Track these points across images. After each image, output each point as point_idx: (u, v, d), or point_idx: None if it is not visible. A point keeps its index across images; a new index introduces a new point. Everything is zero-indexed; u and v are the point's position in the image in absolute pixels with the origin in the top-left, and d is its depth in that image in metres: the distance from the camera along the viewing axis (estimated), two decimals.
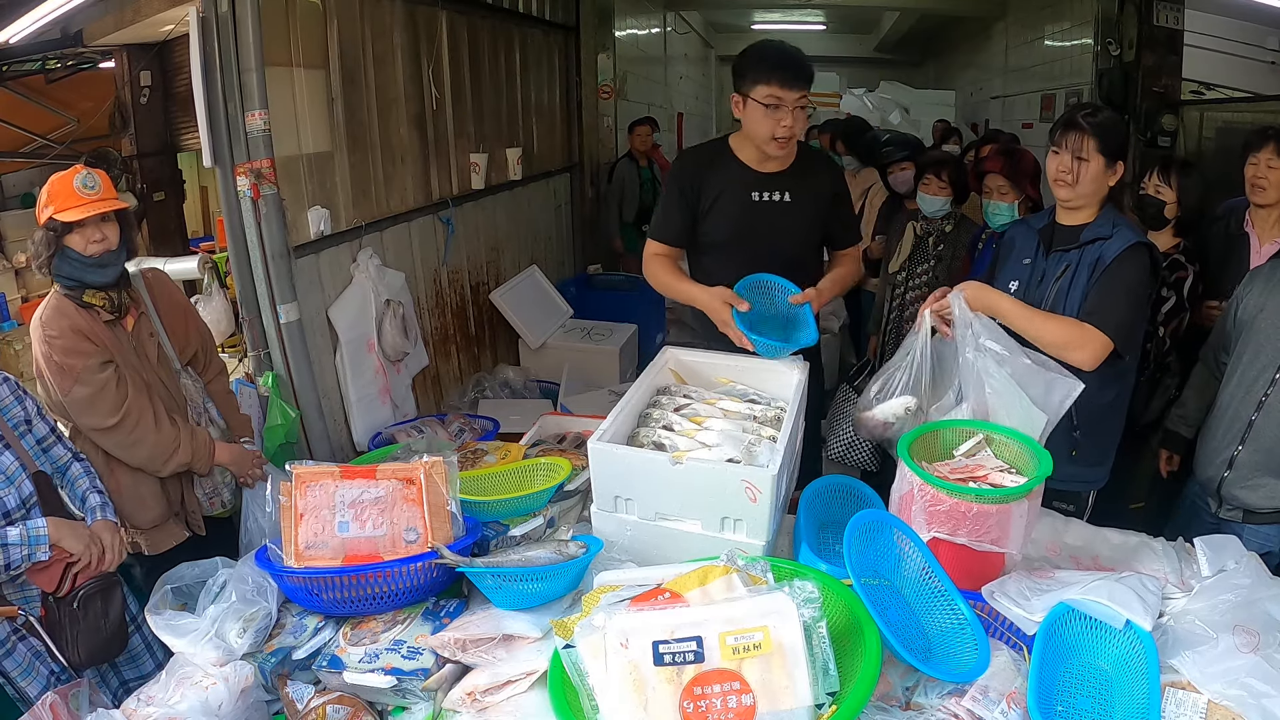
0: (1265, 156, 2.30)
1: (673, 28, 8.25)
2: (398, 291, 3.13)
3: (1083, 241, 1.80)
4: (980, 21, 7.50)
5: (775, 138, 1.99)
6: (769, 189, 2.09)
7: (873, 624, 1.16)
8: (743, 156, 2.11)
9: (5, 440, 1.69)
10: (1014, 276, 1.90)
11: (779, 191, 2.10)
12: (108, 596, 1.70)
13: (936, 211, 3.00)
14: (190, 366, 2.10)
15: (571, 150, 5.33)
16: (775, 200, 2.10)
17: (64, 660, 1.64)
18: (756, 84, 1.96)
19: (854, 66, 10.62)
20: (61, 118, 3.92)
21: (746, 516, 1.45)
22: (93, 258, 1.85)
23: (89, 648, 1.67)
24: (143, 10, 2.77)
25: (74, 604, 1.64)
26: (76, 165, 1.87)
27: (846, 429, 2.89)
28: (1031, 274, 1.88)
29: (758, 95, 1.96)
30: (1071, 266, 1.81)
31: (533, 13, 4.56)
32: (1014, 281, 1.89)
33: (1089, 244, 1.79)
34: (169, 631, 1.41)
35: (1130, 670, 1.20)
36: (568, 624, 1.26)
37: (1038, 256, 1.89)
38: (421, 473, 1.54)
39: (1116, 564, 1.56)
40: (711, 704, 1.02)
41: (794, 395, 1.74)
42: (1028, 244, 1.93)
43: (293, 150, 2.63)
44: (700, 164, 2.14)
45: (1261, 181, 2.31)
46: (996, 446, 1.53)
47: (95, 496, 1.81)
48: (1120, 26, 4.78)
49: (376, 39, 3.05)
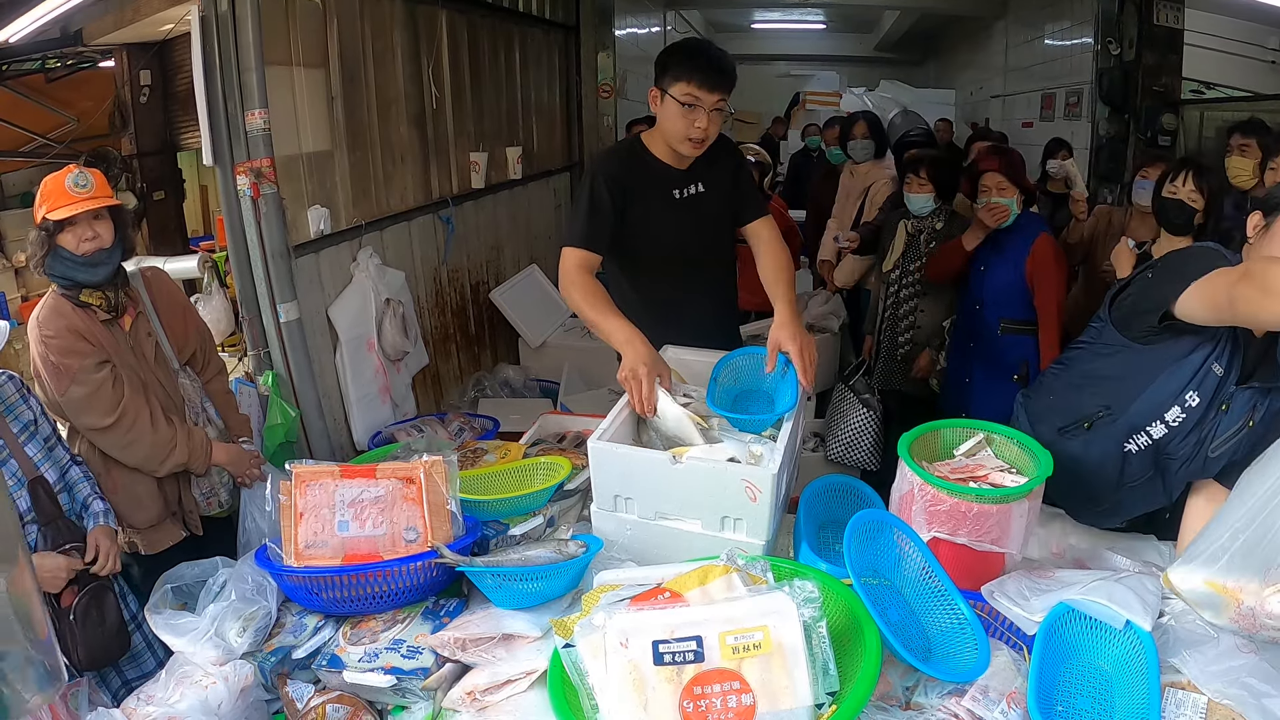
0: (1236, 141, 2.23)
1: (673, 27, 8.24)
2: (398, 291, 3.13)
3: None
4: (980, 20, 7.49)
5: (689, 138, 1.94)
6: (686, 183, 2.05)
7: (873, 624, 1.16)
8: (658, 154, 2.05)
9: (9, 449, 1.69)
10: (1197, 388, 1.48)
11: (694, 184, 2.06)
12: (101, 603, 1.71)
13: (923, 209, 3.00)
14: (189, 366, 2.10)
15: (571, 149, 5.33)
16: (692, 193, 2.06)
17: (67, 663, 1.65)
18: (677, 80, 1.90)
19: (854, 65, 10.61)
20: (61, 117, 3.92)
21: (746, 516, 1.45)
22: (85, 256, 1.83)
23: (90, 653, 1.68)
24: (142, 9, 2.77)
25: (70, 616, 1.65)
26: (71, 165, 1.86)
27: (846, 429, 2.89)
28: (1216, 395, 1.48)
29: (676, 92, 1.90)
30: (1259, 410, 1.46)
31: (533, 12, 4.56)
32: (1194, 394, 1.48)
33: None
34: (169, 631, 1.42)
35: (1130, 670, 1.20)
36: (567, 623, 1.26)
37: (1230, 373, 1.47)
38: (421, 472, 1.54)
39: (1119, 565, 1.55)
40: (711, 704, 1.01)
41: (794, 395, 1.73)
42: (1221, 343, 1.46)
43: (293, 149, 2.63)
44: (622, 167, 2.03)
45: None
46: (997, 446, 1.53)
47: (98, 503, 1.83)
48: (1121, 25, 4.78)
49: (376, 38, 3.05)
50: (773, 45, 10.58)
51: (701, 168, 2.06)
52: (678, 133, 1.95)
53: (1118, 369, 1.55)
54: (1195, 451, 1.51)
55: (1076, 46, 5.31)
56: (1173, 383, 1.49)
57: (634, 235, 2.04)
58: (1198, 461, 1.52)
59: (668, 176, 2.05)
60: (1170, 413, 1.50)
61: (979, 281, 2.80)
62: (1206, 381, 1.47)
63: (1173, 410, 1.50)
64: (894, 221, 3.15)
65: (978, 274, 2.81)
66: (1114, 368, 1.56)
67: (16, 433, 1.72)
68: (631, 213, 2.02)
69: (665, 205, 2.05)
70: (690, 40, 2.02)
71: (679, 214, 2.06)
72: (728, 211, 2.13)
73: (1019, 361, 2.73)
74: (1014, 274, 2.70)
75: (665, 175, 2.05)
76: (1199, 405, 1.47)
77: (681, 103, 1.90)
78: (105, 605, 1.72)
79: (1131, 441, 1.55)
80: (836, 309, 4.00)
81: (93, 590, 1.71)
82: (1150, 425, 1.52)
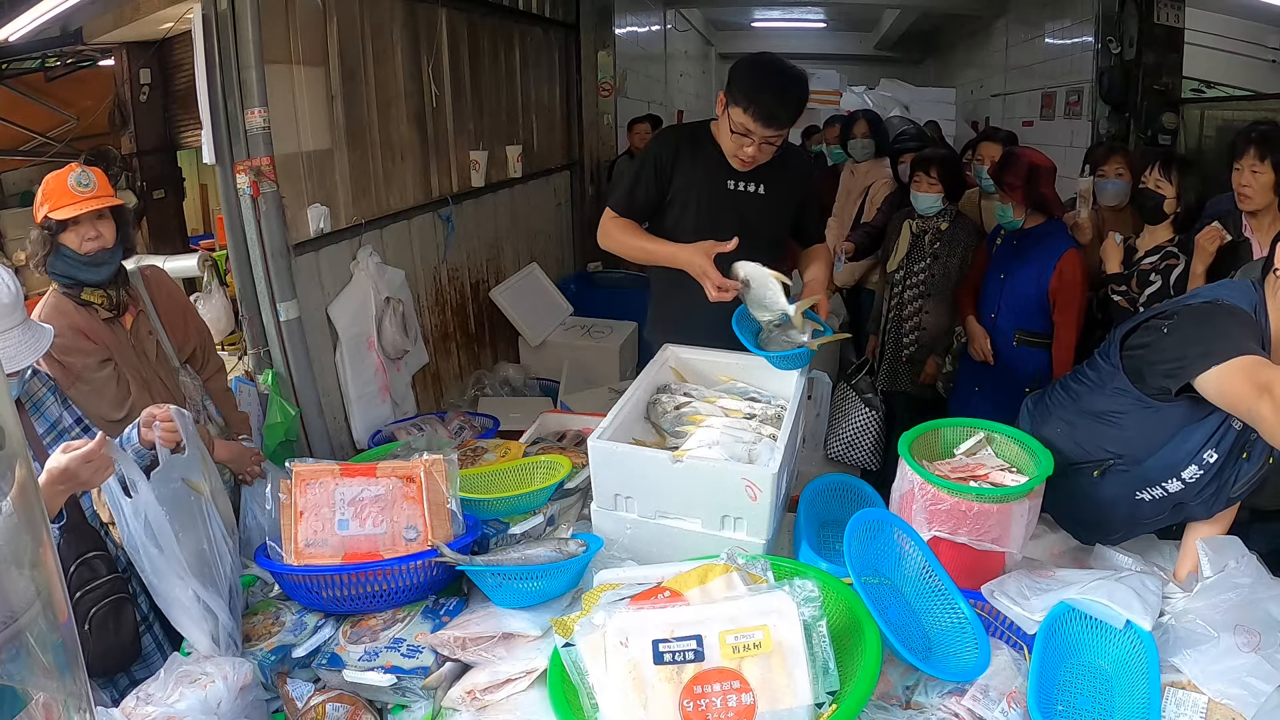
0: (1248, 163, 2.19)
1: (673, 25, 8.23)
2: (397, 289, 3.12)
3: None
4: (981, 19, 7.48)
5: (737, 157, 1.94)
6: (745, 179, 2.03)
7: (873, 623, 1.16)
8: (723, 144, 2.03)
9: (34, 450, 1.67)
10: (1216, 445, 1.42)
11: (754, 183, 2.03)
12: (119, 614, 1.69)
13: (929, 209, 2.98)
14: (189, 364, 2.10)
15: (571, 148, 5.32)
16: (750, 191, 2.04)
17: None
18: (736, 104, 1.86)
19: (854, 64, 10.60)
20: (61, 115, 3.92)
21: (747, 515, 1.45)
22: (87, 256, 1.83)
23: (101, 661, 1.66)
24: (142, 8, 2.77)
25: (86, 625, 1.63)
26: (72, 163, 1.86)
27: (847, 428, 2.89)
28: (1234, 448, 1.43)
29: (734, 114, 1.87)
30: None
31: (533, 10, 4.55)
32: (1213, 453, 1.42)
33: None
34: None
35: (1130, 670, 1.20)
36: (567, 622, 1.26)
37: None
38: (421, 471, 1.54)
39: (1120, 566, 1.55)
40: (711, 703, 1.01)
41: (794, 393, 1.73)
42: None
43: (292, 148, 2.63)
44: (680, 142, 2.04)
45: (1246, 190, 2.21)
46: (997, 446, 1.53)
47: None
48: (1121, 24, 4.77)
49: (376, 36, 3.05)
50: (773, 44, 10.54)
51: (769, 172, 2.02)
52: (728, 148, 1.95)
53: (1131, 424, 1.47)
54: (1215, 496, 1.45)
55: (1077, 45, 5.31)
56: (1189, 443, 1.42)
57: (676, 214, 2.05)
58: (1219, 504, 1.46)
59: (725, 165, 2.01)
60: (1187, 471, 1.44)
61: (997, 289, 2.74)
62: (1225, 439, 1.40)
63: (1190, 469, 1.43)
64: (898, 222, 3.13)
65: (996, 281, 2.76)
66: (1127, 421, 1.48)
67: (42, 433, 1.70)
68: (678, 189, 2.03)
69: (714, 191, 2.03)
70: (766, 61, 1.91)
71: (726, 203, 2.03)
72: (783, 221, 2.12)
73: (1033, 373, 2.68)
74: (1035, 287, 2.64)
75: (723, 163, 2.01)
76: (1217, 461, 1.41)
77: (733, 130, 1.89)
78: (122, 618, 1.68)
79: (1146, 492, 1.49)
80: (836, 308, 4.00)
81: (114, 602, 1.68)
82: (1166, 481, 1.46)
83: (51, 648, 0.70)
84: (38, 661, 0.69)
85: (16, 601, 0.68)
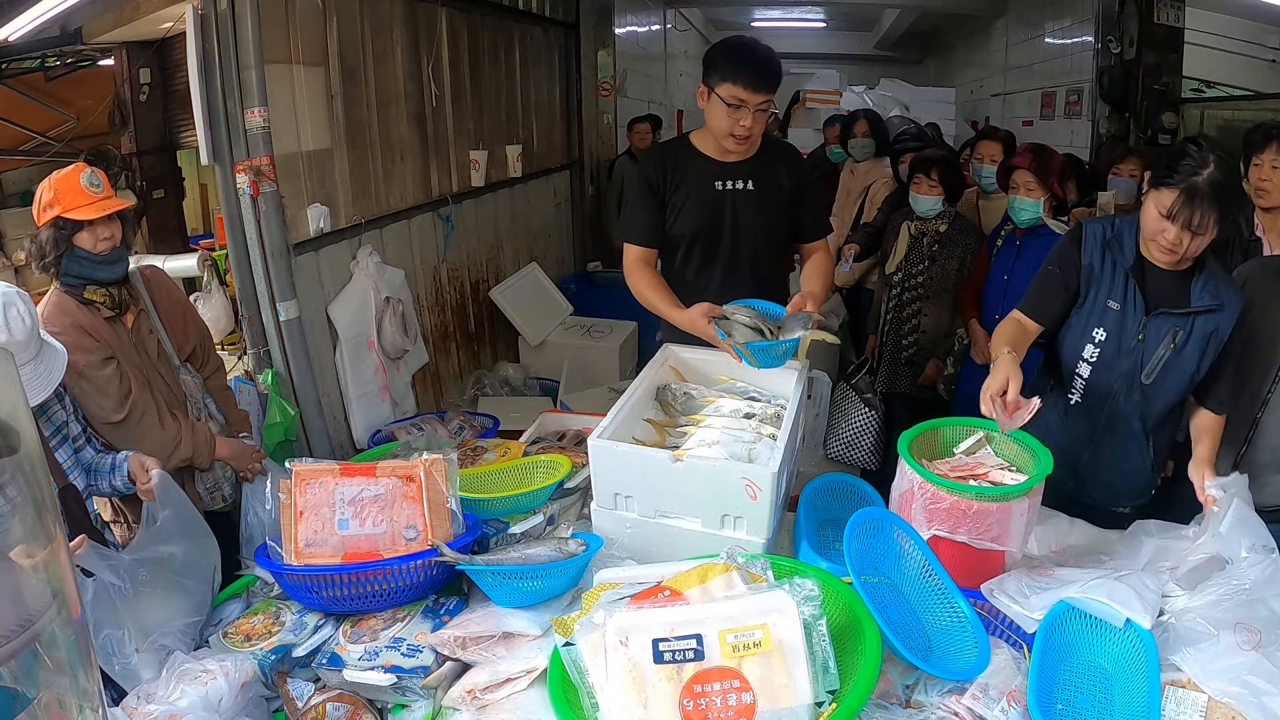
0: (1269, 158, 2.17)
1: (673, 25, 8.23)
2: (397, 289, 3.13)
3: (1195, 309, 1.67)
4: (981, 19, 7.48)
5: (734, 135, 1.98)
6: (731, 177, 2.08)
7: (873, 622, 1.16)
8: (705, 150, 2.10)
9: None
10: (1099, 324, 1.76)
11: (741, 179, 2.08)
12: None
13: (928, 211, 2.97)
14: (189, 363, 2.11)
15: (571, 147, 5.33)
16: (738, 188, 2.09)
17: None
18: (723, 80, 1.93)
19: (854, 64, 10.59)
20: (61, 115, 3.91)
21: (747, 514, 1.45)
22: (103, 255, 1.86)
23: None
24: (142, 7, 2.76)
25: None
26: (77, 164, 1.86)
27: (847, 428, 2.89)
28: (1123, 327, 1.73)
29: (722, 92, 1.94)
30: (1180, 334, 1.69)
31: (532, 10, 4.56)
32: (1099, 330, 1.76)
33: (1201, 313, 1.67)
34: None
35: (1130, 668, 1.20)
36: (567, 622, 1.26)
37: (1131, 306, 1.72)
38: (421, 470, 1.54)
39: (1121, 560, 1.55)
40: (711, 702, 1.01)
41: (794, 393, 1.73)
42: (1113, 283, 1.75)
43: (292, 147, 2.63)
44: (664, 158, 2.12)
45: (1266, 185, 2.19)
46: (997, 444, 1.53)
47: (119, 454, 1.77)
48: (1121, 24, 4.77)
49: (376, 36, 3.05)
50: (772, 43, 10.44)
51: (754, 167, 2.09)
52: (723, 130, 1.99)
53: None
54: (1129, 384, 1.74)
55: (1077, 45, 5.31)
56: (1078, 326, 1.77)
57: (677, 224, 2.12)
58: (1136, 391, 1.74)
59: (709, 168, 2.09)
60: (1086, 350, 1.76)
61: (1001, 291, 2.73)
62: (1107, 317, 1.73)
63: (1087, 348, 1.76)
64: (896, 223, 3.12)
65: (999, 283, 2.74)
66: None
67: (48, 436, 1.71)
68: (674, 203, 2.10)
69: (704, 194, 2.08)
70: (736, 39, 2.03)
71: (717, 205, 2.09)
72: (780, 218, 2.15)
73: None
74: None
75: (707, 167, 2.09)
76: (1109, 337, 1.73)
77: (727, 103, 1.94)
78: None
79: (1074, 392, 1.81)
80: (836, 308, 4.00)
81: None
82: (1077, 367, 1.79)
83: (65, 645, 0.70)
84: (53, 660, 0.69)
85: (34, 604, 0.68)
